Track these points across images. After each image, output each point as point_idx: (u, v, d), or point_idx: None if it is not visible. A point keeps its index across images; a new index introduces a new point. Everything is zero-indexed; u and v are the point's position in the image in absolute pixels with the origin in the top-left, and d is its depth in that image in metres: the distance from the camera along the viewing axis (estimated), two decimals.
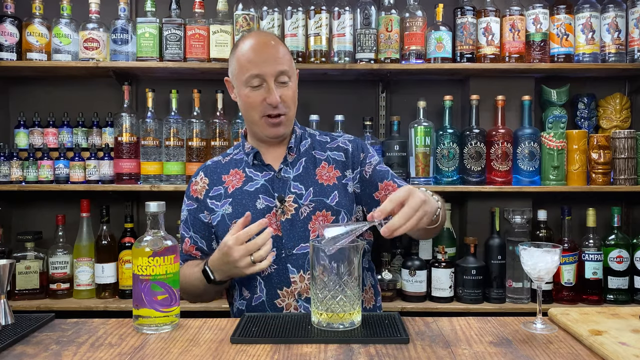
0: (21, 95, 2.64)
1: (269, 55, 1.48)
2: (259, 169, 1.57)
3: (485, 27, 2.39)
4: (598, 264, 2.35)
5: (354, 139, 1.65)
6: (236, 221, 1.41)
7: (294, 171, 1.56)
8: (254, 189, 1.54)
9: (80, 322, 1.25)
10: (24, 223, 2.62)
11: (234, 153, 1.65)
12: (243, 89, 1.51)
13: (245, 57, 1.49)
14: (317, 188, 1.53)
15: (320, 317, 1.14)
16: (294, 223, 1.50)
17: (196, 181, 1.62)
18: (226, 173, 1.60)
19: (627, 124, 2.57)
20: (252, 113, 1.52)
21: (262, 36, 1.54)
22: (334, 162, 1.58)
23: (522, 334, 1.15)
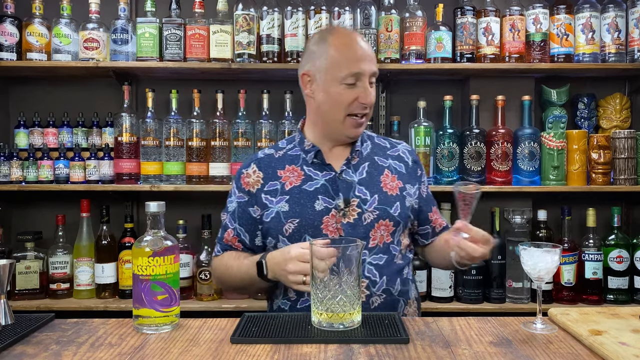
0: (21, 95, 2.64)
1: (366, 54, 1.47)
2: (318, 168, 1.54)
3: (485, 27, 2.39)
4: (598, 264, 2.35)
5: (411, 151, 1.67)
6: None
7: (357, 175, 1.54)
8: (314, 188, 1.51)
9: (80, 322, 1.25)
10: (24, 223, 2.62)
11: (287, 147, 1.61)
12: (335, 85, 1.47)
13: (343, 54, 1.46)
14: (382, 196, 1.52)
15: (320, 317, 1.14)
16: (356, 228, 1.48)
17: (248, 173, 1.58)
18: (281, 168, 1.55)
19: (627, 124, 2.57)
20: (337, 111, 1.49)
21: (353, 34, 1.54)
22: (396, 173, 1.58)
23: (522, 334, 1.15)
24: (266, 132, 2.38)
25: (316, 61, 1.50)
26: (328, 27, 1.58)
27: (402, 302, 1.52)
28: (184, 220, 2.42)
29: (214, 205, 2.57)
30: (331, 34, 1.51)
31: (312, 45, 1.54)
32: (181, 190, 2.37)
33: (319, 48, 1.50)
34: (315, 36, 1.57)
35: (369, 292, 1.46)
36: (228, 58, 2.35)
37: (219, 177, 2.37)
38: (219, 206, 2.57)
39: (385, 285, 1.48)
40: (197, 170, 2.37)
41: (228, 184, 2.38)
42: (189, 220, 2.48)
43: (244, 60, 2.33)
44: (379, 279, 1.48)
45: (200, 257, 2.39)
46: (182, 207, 2.53)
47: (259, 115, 2.45)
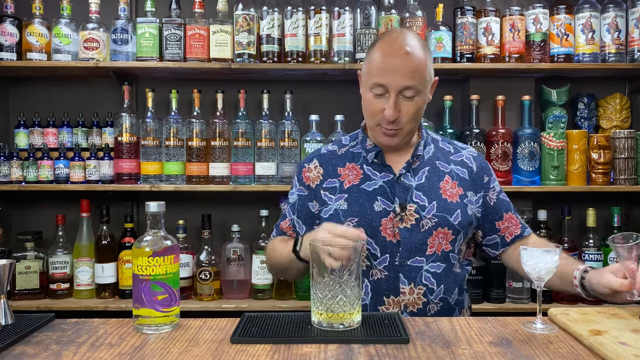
0: (21, 95, 2.64)
1: (398, 67, 1.38)
2: (377, 168, 1.52)
3: (485, 27, 2.39)
4: (598, 264, 2.35)
5: (477, 156, 1.61)
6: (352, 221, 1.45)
7: (416, 179, 1.50)
8: (372, 189, 1.49)
9: (80, 322, 1.25)
10: (24, 223, 2.62)
11: (350, 145, 1.59)
12: (367, 92, 1.45)
13: (375, 61, 1.42)
14: (441, 203, 1.48)
15: (320, 317, 1.14)
16: (413, 233, 1.46)
17: (309, 168, 1.58)
18: (342, 166, 1.55)
19: (627, 124, 2.57)
20: (368, 118, 1.48)
21: (399, 41, 1.41)
22: (458, 179, 1.53)
23: (522, 334, 1.15)
24: (266, 132, 2.38)
25: (364, 63, 1.49)
26: (387, 33, 1.50)
27: (457, 310, 1.51)
28: (184, 220, 2.42)
29: (214, 205, 2.58)
30: (382, 39, 1.46)
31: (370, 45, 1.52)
32: (181, 190, 2.37)
33: (369, 50, 1.48)
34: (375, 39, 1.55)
35: (426, 300, 1.45)
36: (228, 58, 2.35)
37: (219, 177, 2.37)
38: (219, 206, 2.60)
39: (442, 293, 1.47)
40: (197, 170, 2.37)
41: (228, 184, 2.38)
42: (189, 220, 2.48)
43: (244, 60, 2.33)
44: (437, 287, 1.46)
45: (200, 257, 2.39)
46: (182, 207, 2.53)
47: (259, 115, 2.45)
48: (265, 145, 2.37)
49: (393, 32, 1.52)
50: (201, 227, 2.44)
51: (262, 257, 2.39)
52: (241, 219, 2.50)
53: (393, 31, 1.59)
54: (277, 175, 2.39)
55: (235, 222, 2.43)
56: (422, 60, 1.41)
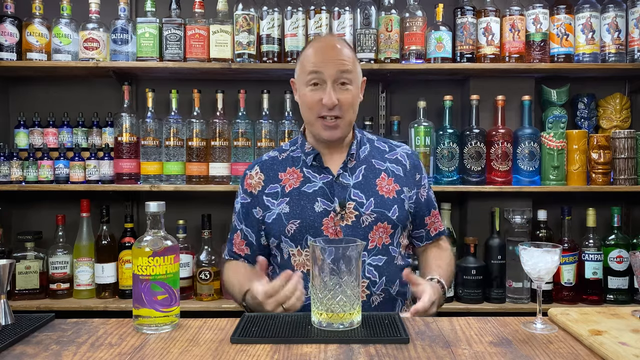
0: (21, 95, 2.64)
1: (331, 56, 1.48)
2: (317, 170, 1.57)
3: (485, 27, 2.39)
4: (598, 264, 2.35)
5: (411, 154, 1.67)
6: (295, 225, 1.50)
7: (353, 178, 1.55)
8: (312, 190, 1.54)
9: (80, 322, 1.25)
10: (24, 223, 2.62)
11: (290, 149, 1.64)
12: (303, 88, 1.52)
13: (308, 56, 1.51)
14: (378, 199, 1.53)
15: (320, 317, 1.14)
16: (355, 230, 1.51)
17: (251, 175, 1.62)
18: (283, 171, 1.59)
19: (627, 124, 2.57)
20: (308, 113, 1.53)
21: (328, 38, 1.59)
22: (393, 176, 1.59)
23: (522, 334, 1.15)
24: (266, 132, 2.38)
25: (297, 66, 1.57)
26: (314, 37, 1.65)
27: (399, 301, 1.55)
28: (184, 220, 2.42)
29: (214, 205, 2.58)
30: (310, 42, 1.58)
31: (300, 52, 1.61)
32: (181, 190, 2.37)
33: (301, 54, 1.57)
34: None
35: (369, 292, 1.50)
36: (228, 58, 2.35)
37: (219, 177, 2.37)
38: (219, 206, 2.60)
39: (384, 285, 1.51)
40: (197, 170, 2.37)
41: (228, 184, 2.38)
42: (189, 220, 2.48)
43: (244, 60, 2.33)
44: (379, 279, 1.51)
45: (200, 257, 2.39)
46: (182, 207, 2.53)
47: (259, 115, 2.45)
48: (265, 145, 2.37)
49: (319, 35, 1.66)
50: (201, 227, 2.44)
51: None
52: None
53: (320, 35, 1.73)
54: None
55: None
56: (352, 54, 1.53)
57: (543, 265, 1.17)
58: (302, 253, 1.52)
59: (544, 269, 1.17)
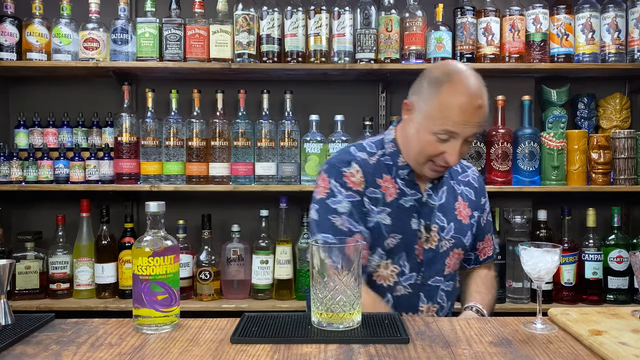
0: (21, 95, 2.64)
1: (472, 119, 1.36)
2: (408, 185, 1.49)
3: (485, 27, 2.39)
4: (598, 264, 2.35)
5: (478, 177, 1.64)
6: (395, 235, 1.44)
7: (438, 199, 1.51)
8: (409, 205, 1.47)
9: (80, 322, 1.25)
10: (24, 223, 2.62)
11: (378, 154, 1.52)
12: (427, 133, 1.39)
13: (446, 111, 1.35)
14: (457, 225, 1.51)
15: (320, 317, 1.14)
16: (435, 254, 1.49)
17: (351, 172, 1.46)
18: (379, 177, 1.48)
19: (627, 124, 2.57)
20: (420, 155, 1.43)
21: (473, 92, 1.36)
22: (467, 200, 1.56)
23: (522, 334, 1.15)
24: (266, 132, 2.38)
25: (422, 99, 1.41)
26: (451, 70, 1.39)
27: None
28: (184, 220, 2.42)
29: (214, 205, 2.58)
30: (449, 82, 1.36)
31: (428, 80, 1.41)
32: (181, 190, 2.37)
33: (430, 89, 1.39)
34: (436, 73, 1.41)
35: (436, 316, 1.49)
36: (228, 58, 2.35)
37: (219, 177, 2.37)
38: (219, 206, 2.60)
39: (448, 309, 1.53)
40: (197, 170, 2.37)
41: (228, 184, 2.38)
42: (189, 220, 2.48)
43: (244, 60, 2.33)
44: (446, 304, 1.52)
45: (200, 257, 2.39)
46: (182, 207, 2.53)
47: (259, 115, 2.45)
48: (265, 145, 2.37)
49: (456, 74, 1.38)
50: (201, 227, 2.44)
51: (262, 257, 2.39)
52: (241, 219, 2.50)
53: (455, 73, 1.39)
54: (277, 175, 2.39)
55: (235, 222, 2.44)
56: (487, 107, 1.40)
57: (543, 265, 1.17)
58: (390, 267, 1.47)
59: (544, 269, 1.17)
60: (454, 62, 1.44)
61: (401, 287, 1.47)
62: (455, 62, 1.41)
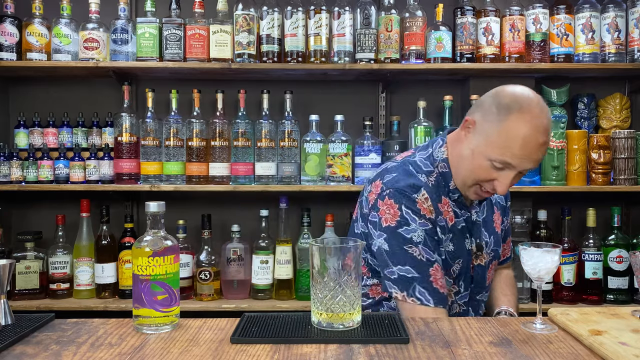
0: (21, 95, 2.64)
1: (532, 155, 1.30)
2: (459, 206, 1.46)
3: (485, 27, 2.39)
4: (598, 264, 2.35)
5: None
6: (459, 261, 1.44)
7: (481, 214, 1.50)
8: (461, 227, 1.45)
9: (80, 322, 1.25)
10: (24, 223, 2.62)
11: (435, 173, 1.44)
12: (483, 158, 1.34)
13: (511, 142, 1.29)
14: (495, 237, 1.51)
15: (320, 317, 1.14)
16: (483, 270, 1.50)
17: (421, 200, 1.38)
18: (439, 201, 1.42)
19: (627, 124, 2.57)
20: (470, 177, 1.39)
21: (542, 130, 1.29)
22: (500, 208, 1.56)
23: (522, 334, 1.15)
24: (266, 132, 2.38)
25: (486, 121, 1.34)
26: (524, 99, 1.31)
27: None
28: (184, 220, 2.42)
29: (214, 205, 2.58)
30: (519, 111, 1.29)
31: (496, 103, 1.33)
32: (181, 190, 2.37)
33: (499, 114, 1.31)
34: (507, 98, 1.32)
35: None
36: (228, 58, 2.35)
37: (219, 177, 2.37)
38: (219, 206, 2.60)
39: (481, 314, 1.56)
40: (197, 170, 2.37)
41: (228, 184, 2.38)
42: (189, 220, 2.48)
43: (244, 60, 2.33)
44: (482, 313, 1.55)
45: (200, 257, 2.39)
46: (182, 207, 2.53)
47: (259, 115, 2.45)
48: (265, 145, 2.37)
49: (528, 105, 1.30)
50: (201, 227, 2.44)
51: (262, 257, 2.39)
52: (241, 219, 2.50)
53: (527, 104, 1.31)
54: (277, 175, 2.39)
55: (235, 222, 2.44)
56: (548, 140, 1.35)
57: (543, 265, 1.17)
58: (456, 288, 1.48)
59: (544, 269, 1.17)
60: (526, 89, 1.33)
61: (456, 305, 1.49)
62: (528, 91, 1.33)
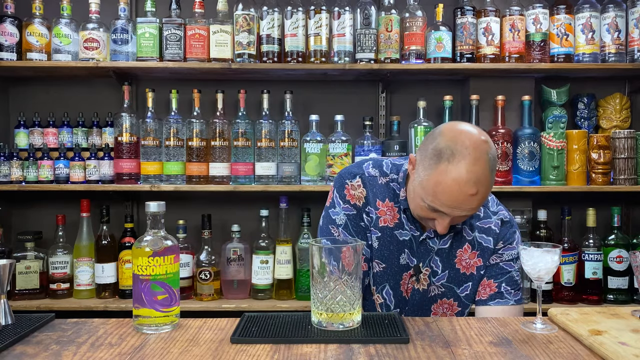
0: (21, 95, 2.64)
1: (464, 206, 1.26)
2: (409, 219, 1.42)
3: (485, 27, 2.39)
4: (598, 264, 2.35)
5: (508, 221, 1.46)
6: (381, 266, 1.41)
7: (440, 243, 1.43)
8: (402, 239, 1.42)
9: (80, 322, 1.25)
10: (24, 223, 2.62)
11: (391, 177, 1.45)
12: (419, 199, 1.32)
13: (439, 192, 1.25)
14: (452, 273, 1.42)
15: (320, 317, 1.14)
16: (424, 297, 1.44)
17: (353, 185, 1.45)
18: (382, 199, 1.43)
19: (627, 124, 2.57)
20: (414, 211, 1.37)
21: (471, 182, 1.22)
22: (480, 248, 1.43)
23: (522, 334, 1.15)
24: (266, 132, 2.38)
25: (421, 165, 1.31)
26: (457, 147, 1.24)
27: None
28: (184, 220, 2.42)
29: (214, 205, 2.58)
30: (449, 161, 1.23)
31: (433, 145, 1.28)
32: (181, 190, 2.37)
33: (431, 159, 1.27)
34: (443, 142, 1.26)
35: None
36: (228, 58, 2.35)
37: (219, 177, 2.37)
38: (219, 206, 2.60)
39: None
40: (197, 170, 2.37)
41: (228, 184, 2.38)
42: (189, 220, 2.48)
43: (244, 60, 2.33)
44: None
45: (200, 257, 2.39)
46: (182, 207, 2.53)
47: (259, 115, 2.45)
48: (265, 145, 2.37)
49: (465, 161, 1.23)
50: (201, 227, 2.44)
51: (262, 257, 2.39)
52: (241, 219, 2.50)
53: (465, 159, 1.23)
54: (277, 175, 2.39)
55: (235, 222, 2.44)
56: (486, 195, 1.28)
57: (543, 265, 1.17)
58: (375, 295, 1.46)
59: (544, 269, 1.17)
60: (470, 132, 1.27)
61: None
62: (470, 135, 1.26)
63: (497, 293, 1.43)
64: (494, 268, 1.45)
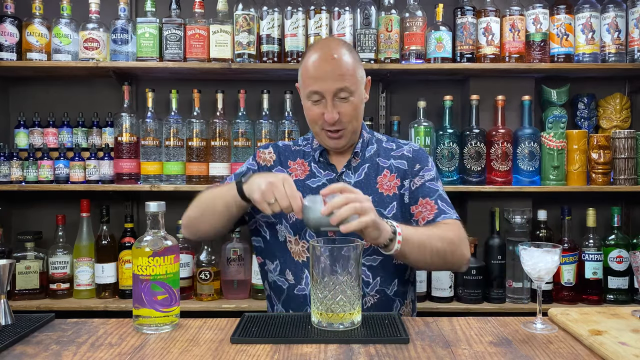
0: (21, 95, 2.64)
1: (328, 72, 1.44)
2: (322, 166, 1.57)
3: (485, 27, 2.39)
4: (598, 264, 2.35)
5: (418, 149, 1.62)
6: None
7: (355, 177, 1.54)
8: (316, 185, 1.53)
9: (80, 322, 1.25)
10: (24, 223, 2.62)
11: (302, 144, 1.64)
12: (305, 100, 1.51)
13: (306, 71, 1.48)
14: (376, 197, 1.50)
15: (320, 317, 1.14)
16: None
17: (264, 152, 1.63)
18: (293, 160, 1.60)
19: (627, 124, 2.57)
20: (312, 125, 1.53)
21: (325, 49, 1.48)
22: (397, 171, 1.56)
23: (522, 334, 1.15)
24: (266, 132, 2.38)
25: (299, 75, 1.53)
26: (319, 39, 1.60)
27: (397, 302, 1.51)
28: None
29: None
30: (310, 48, 1.53)
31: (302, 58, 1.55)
32: (181, 190, 2.37)
33: (301, 62, 1.52)
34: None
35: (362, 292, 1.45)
36: (228, 58, 2.35)
37: (219, 177, 2.37)
38: None
39: (378, 285, 1.48)
40: (197, 170, 2.37)
41: None
42: None
43: (244, 60, 2.33)
44: (372, 279, 1.47)
45: (200, 257, 2.39)
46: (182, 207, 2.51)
47: (259, 115, 2.45)
48: None
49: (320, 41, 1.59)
50: None
51: None
52: None
53: (320, 40, 1.69)
54: None
55: None
56: (350, 62, 1.47)
57: (543, 265, 1.17)
58: (300, 243, 1.50)
59: (544, 269, 1.17)
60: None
61: None
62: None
63: (439, 210, 1.52)
64: (423, 188, 1.55)
